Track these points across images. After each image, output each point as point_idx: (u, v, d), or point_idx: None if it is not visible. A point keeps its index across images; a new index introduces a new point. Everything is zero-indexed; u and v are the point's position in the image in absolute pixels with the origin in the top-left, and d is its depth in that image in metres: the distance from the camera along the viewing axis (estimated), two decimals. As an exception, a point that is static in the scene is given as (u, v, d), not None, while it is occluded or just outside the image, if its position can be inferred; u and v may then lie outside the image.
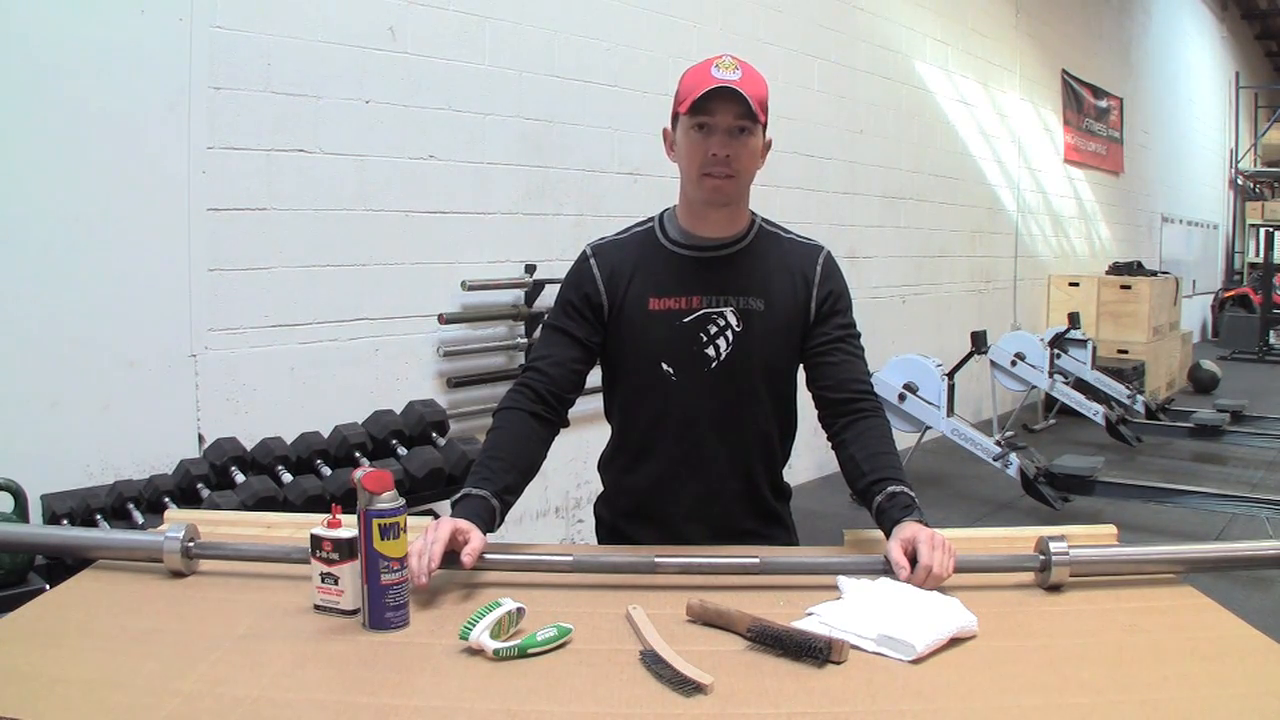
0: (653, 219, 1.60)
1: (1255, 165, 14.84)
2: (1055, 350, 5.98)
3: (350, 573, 1.22)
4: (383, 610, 1.19)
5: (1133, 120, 9.98)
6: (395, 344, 3.20)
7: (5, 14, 2.32)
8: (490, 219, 3.49)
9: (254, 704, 1.01)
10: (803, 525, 1.71)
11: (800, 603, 1.26)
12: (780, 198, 4.70)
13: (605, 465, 1.68)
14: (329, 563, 1.23)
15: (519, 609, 1.16)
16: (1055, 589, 1.33)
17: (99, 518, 2.35)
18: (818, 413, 1.57)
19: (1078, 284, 8.08)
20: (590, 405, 1.64)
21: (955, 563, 1.31)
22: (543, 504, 3.73)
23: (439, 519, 1.33)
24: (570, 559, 1.36)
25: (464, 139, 3.37)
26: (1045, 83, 8.00)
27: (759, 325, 1.52)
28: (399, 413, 3.03)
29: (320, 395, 2.97)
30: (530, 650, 1.12)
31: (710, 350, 1.51)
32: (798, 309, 1.54)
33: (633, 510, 1.63)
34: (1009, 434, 5.80)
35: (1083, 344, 6.44)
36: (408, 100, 3.19)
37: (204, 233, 2.70)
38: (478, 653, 1.11)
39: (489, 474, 1.42)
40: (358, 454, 2.81)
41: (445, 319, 3.29)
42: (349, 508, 1.25)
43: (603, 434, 1.67)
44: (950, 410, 4.70)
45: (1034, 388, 6.12)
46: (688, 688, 1.04)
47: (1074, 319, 6.62)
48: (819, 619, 1.19)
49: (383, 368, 3.17)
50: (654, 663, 1.08)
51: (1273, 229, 11.46)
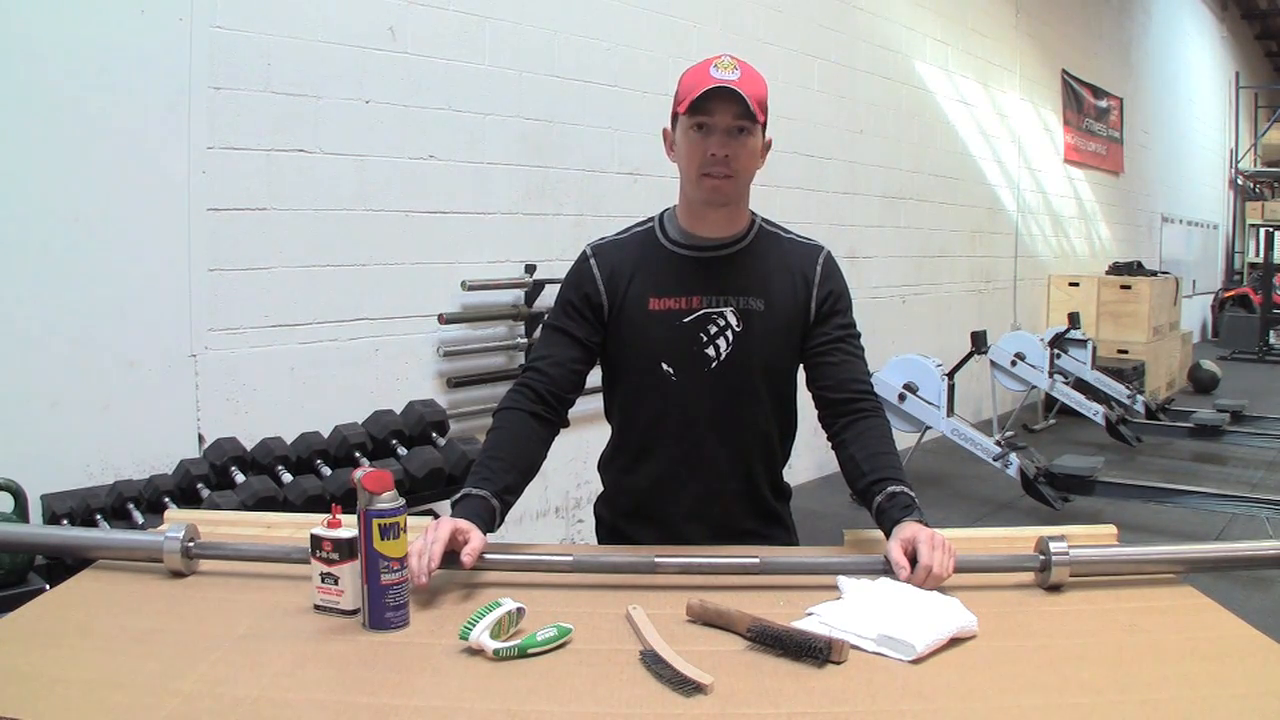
0: (653, 219, 1.60)
1: (1255, 165, 14.83)
2: (1055, 350, 5.97)
3: (350, 573, 1.22)
4: (383, 610, 1.19)
5: (1133, 120, 9.98)
6: (395, 344, 3.21)
7: (5, 14, 2.32)
8: (490, 219, 3.49)
9: (254, 704, 1.01)
10: (803, 525, 1.71)
11: (800, 603, 1.26)
12: (780, 198, 4.70)
13: (605, 465, 1.68)
14: (329, 563, 1.23)
15: (519, 609, 1.16)
16: (1055, 589, 1.33)
17: (99, 518, 2.35)
18: (818, 413, 1.58)
19: (1078, 284, 8.08)
20: (590, 405, 1.64)
21: (955, 563, 1.31)
22: (543, 504, 3.73)
23: (439, 519, 1.33)
24: (570, 559, 1.36)
25: (464, 139, 3.37)
26: (1045, 83, 8.00)
27: (759, 325, 1.52)
28: (399, 413, 3.03)
29: (320, 395, 2.97)
30: (530, 650, 1.12)
31: (710, 350, 1.51)
32: (798, 309, 1.54)
33: (633, 510, 1.63)
34: (1009, 434, 5.79)
35: (1083, 344, 6.44)
36: (408, 100, 3.19)
37: (204, 233, 2.70)
38: (478, 653, 1.11)
39: (489, 474, 1.43)
40: (358, 454, 2.81)
41: (445, 319, 3.30)
42: (349, 508, 1.25)
43: (603, 434, 1.67)
44: (950, 410, 4.70)
45: (1034, 388, 6.12)
46: (688, 688, 1.04)
47: (1074, 319, 6.62)
48: (819, 619, 1.19)
49: (383, 368, 3.17)
50: (654, 663, 1.08)
51: (1273, 229, 11.46)
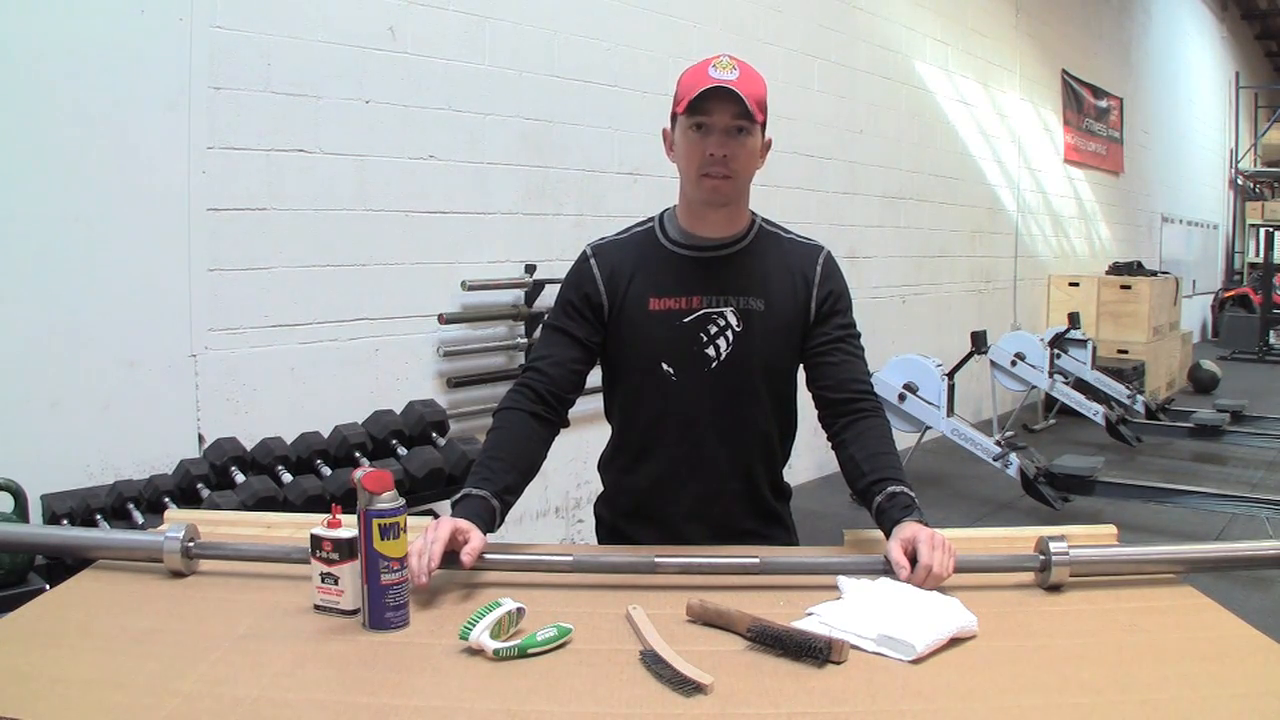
0: (653, 219, 1.60)
1: (1255, 165, 14.83)
2: (1055, 350, 5.97)
3: (350, 573, 1.22)
4: (383, 610, 1.19)
5: (1133, 120, 9.98)
6: (395, 344, 3.20)
7: (4, 14, 2.32)
8: (490, 219, 3.49)
9: (254, 704, 1.01)
10: (803, 525, 1.71)
11: (800, 603, 1.26)
12: (780, 198, 4.70)
13: (605, 465, 1.68)
14: (329, 563, 1.23)
15: (519, 609, 1.16)
16: (1055, 589, 1.33)
17: (99, 518, 2.35)
18: (818, 413, 1.58)
19: (1078, 284, 8.08)
20: (590, 405, 1.64)
21: (955, 562, 1.31)
22: (543, 504, 3.73)
23: (439, 519, 1.33)
24: (570, 559, 1.36)
25: (464, 139, 3.37)
26: (1045, 83, 8.00)
27: (759, 325, 1.52)
28: (399, 413, 3.03)
29: (320, 395, 2.97)
30: (530, 650, 1.12)
31: (710, 350, 1.51)
32: (798, 309, 1.54)
33: (633, 510, 1.63)
34: (1009, 434, 5.79)
35: (1083, 344, 6.44)
36: (408, 100, 3.19)
37: (204, 233, 2.70)
38: (478, 653, 1.11)
39: (489, 474, 1.43)
40: (358, 454, 2.81)
41: (445, 319, 3.30)
42: (349, 508, 1.25)
43: (603, 434, 1.67)
44: (950, 410, 4.70)
45: (1034, 388, 6.12)
46: (688, 688, 1.04)
47: (1074, 319, 6.62)
48: (819, 619, 1.19)
49: (383, 368, 3.17)
50: (654, 663, 1.08)
51: (1273, 229, 11.46)
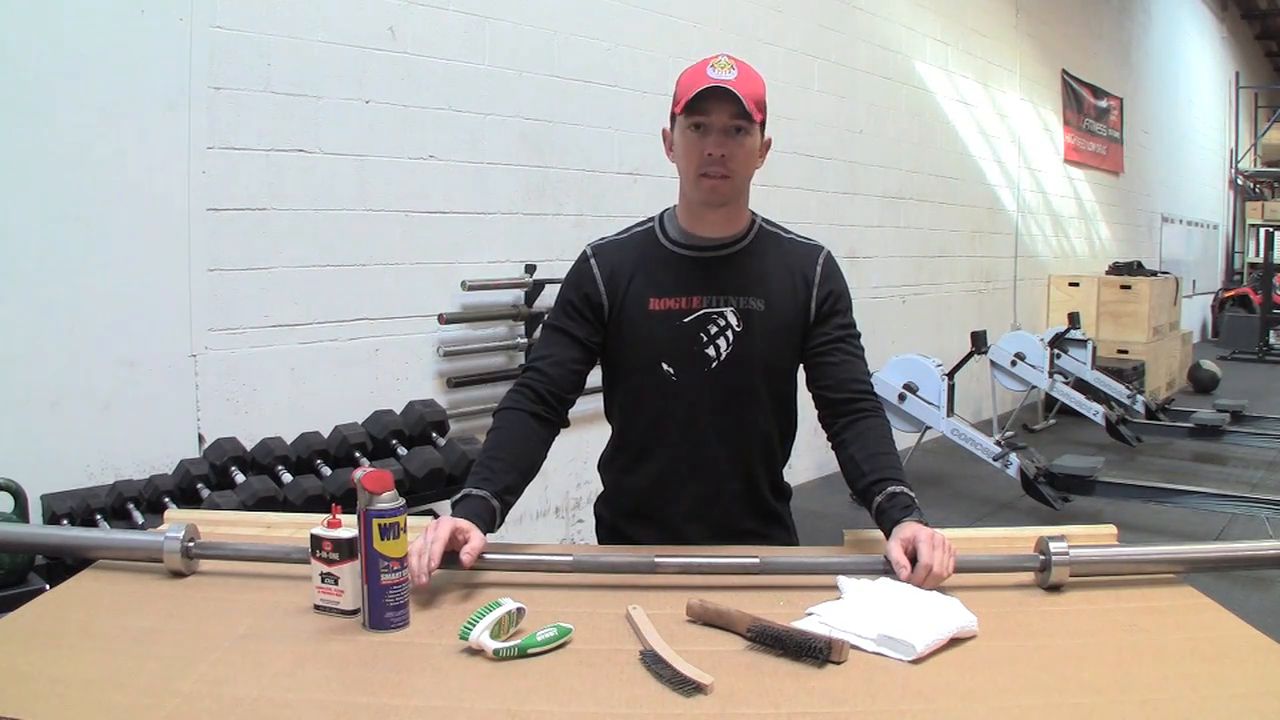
0: (653, 219, 1.60)
1: (1255, 165, 14.83)
2: (1055, 350, 5.97)
3: (350, 573, 1.22)
4: (383, 610, 1.19)
5: (1133, 120, 9.98)
6: (395, 344, 3.21)
7: (4, 14, 2.32)
8: (490, 219, 3.49)
9: (254, 704, 1.01)
10: (803, 525, 1.71)
11: (800, 603, 1.26)
12: (780, 198, 4.70)
13: (605, 465, 1.68)
14: (329, 563, 1.23)
15: (519, 609, 1.16)
16: (1055, 589, 1.33)
17: (99, 518, 2.35)
18: (818, 413, 1.58)
19: (1078, 284, 8.08)
20: (590, 405, 1.64)
21: (955, 562, 1.31)
22: (543, 504, 3.73)
23: (439, 518, 1.33)
24: (570, 559, 1.36)
25: (464, 139, 3.37)
26: (1045, 83, 8.00)
27: (759, 325, 1.52)
28: (399, 413, 3.03)
29: (320, 395, 2.97)
30: (530, 650, 1.12)
31: (710, 350, 1.51)
32: (798, 309, 1.54)
33: (633, 510, 1.63)
34: (1009, 434, 5.79)
35: (1083, 344, 6.44)
36: (408, 100, 3.19)
37: (204, 233, 2.70)
38: (478, 653, 1.11)
39: (489, 474, 1.43)
40: (358, 454, 2.81)
41: (445, 319, 3.30)
42: (349, 508, 1.25)
43: (603, 434, 1.67)
44: (950, 410, 4.70)
45: (1034, 388, 6.12)
46: (688, 688, 1.04)
47: (1074, 319, 6.62)
48: (819, 619, 1.19)
49: (383, 368, 3.17)
50: (654, 663, 1.08)
51: (1273, 229, 11.46)
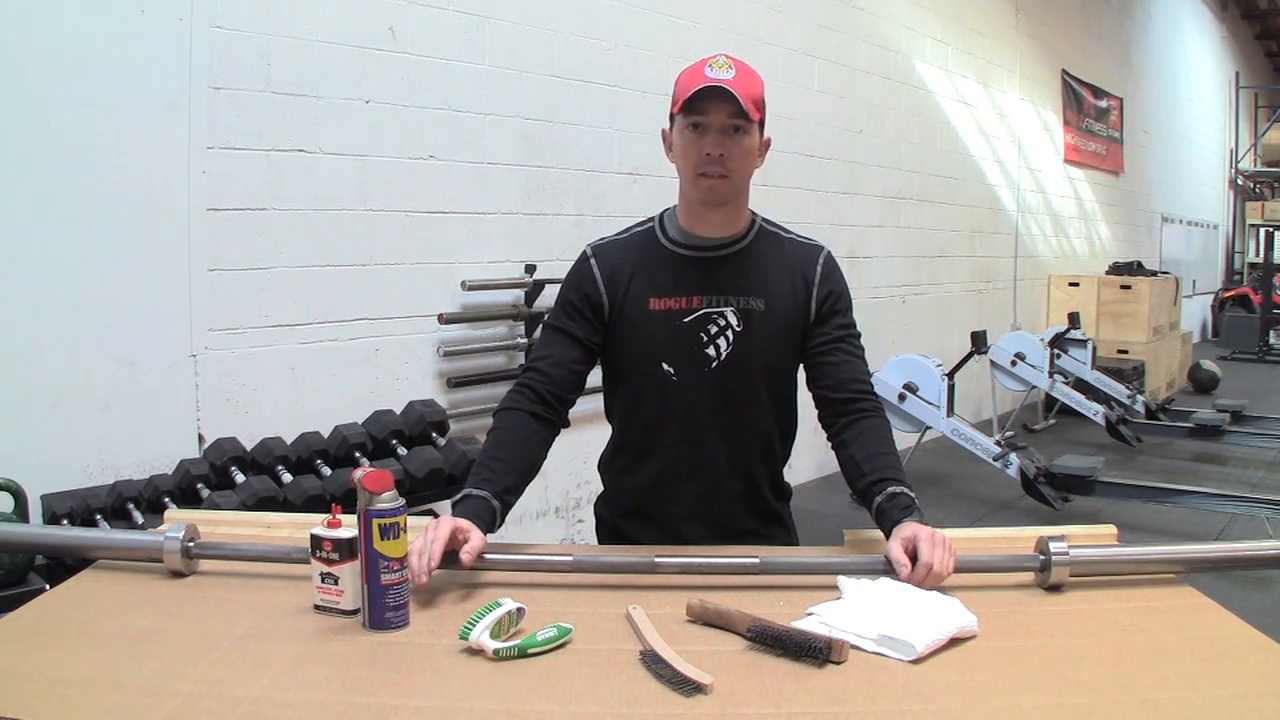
0: (653, 219, 1.60)
1: (1255, 165, 14.83)
2: (1055, 350, 5.97)
3: (350, 573, 1.22)
4: (383, 610, 1.19)
5: (1133, 120, 9.98)
6: (395, 344, 3.20)
7: (4, 14, 2.32)
8: (490, 219, 3.49)
9: (254, 704, 1.01)
10: (803, 525, 1.71)
11: (800, 603, 1.26)
12: (780, 198, 4.70)
13: (605, 465, 1.68)
14: (329, 563, 1.23)
15: (519, 609, 1.16)
16: (1055, 589, 1.33)
17: (99, 518, 2.35)
18: (818, 412, 1.58)
19: (1078, 284, 8.08)
20: (590, 405, 1.64)
21: (955, 562, 1.31)
22: (543, 504, 3.73)
23: (439, 518, 1.33)
24: (570, 559, 1.36)
25: (464, 139, 3.37)
26: (1045, 83, 8.00)
27: (759, 325, 1.52)
28: (399, 413, 3.03)
29: (320, 395, 2.97)
30: (530, 650, 1.12)
31: (710, 350, 1.51)
32: (798, 309, 1.54)
33: (633, 510, 1.63)
34: (1009, 434, 5.79)
35: (1083, 344, 6.44)
36: (408, 100, 3.19)
37: (204, 233, 2.70)
38: (478, 653, 1.11)
39: (490, 474, 1.43)
40: (358, 454, 2.81)
41: (445, 319, 3.30)
42: (349, 508, 1.25)
43: (603, 434, 1.67)
44: (950, 410, 4.70)
45: (1034, 388, 6.12)
46: (688, 688, 1.04)
47: (1074, 319, 6.62)
48: (819, 619, 1.19)
49: (383, 368, 3.17)
50: (654, 663, 1.08)
51: (1273, 229, 11.46)
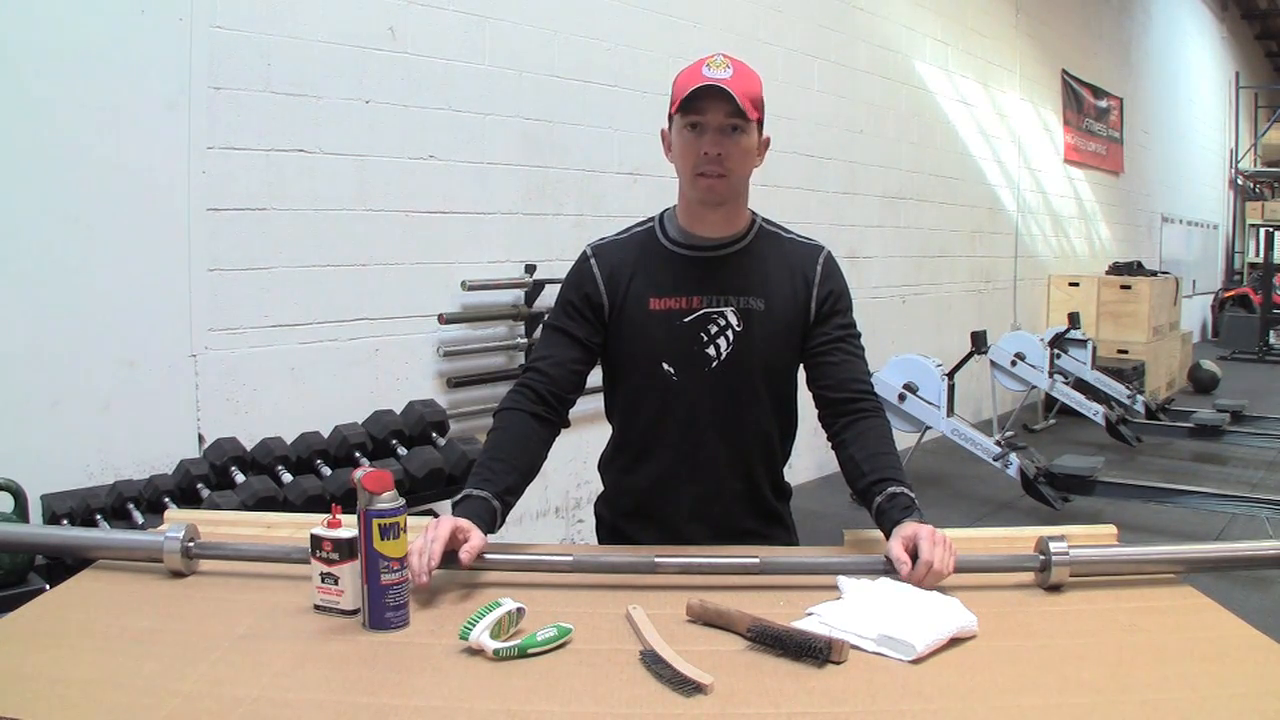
0: (653, 219, 1.60)
1: (1255, 165, 14.83)
2: (1055, 350, 5.97)
3: (350, 573, 1.22)
4: (383, 610, 1.19)
5: (1133, 120, 9.98)
6: (395, 344, 3.20)
7: (4, 14, 2.32)
8: (490, 219, 3.49)
9: (254, 704, 1.01)
10: (803, 525, 1.71)
11: (800, 603, 1.26)
12: (780, 198, 4.70)
13: (605, 465, 1.68)
14: (329, 563, 1.23)
15: (519, 609, 1.16)
16: (1055, 589, 1.33)
17: (99, 518, 2.35)
18: (818, 412, 1.58)
19: (1078, 284, 8.08)
20: (590, 405, 1.64)
21: (956, 561, 1.31)
22: (543, 504, 3.73)
23: (439, 518, 1.33)
24: (570, 559, 1.36)
25: (464, 139, 3.37)
26: (1045, 83, 8.00)
27: (759, 325, 1.52)
28: (399, 413, 3.03)
29: (320, 395, 2.97)
30: (530, 650, 1.12)
31: (711, 350, 1.51)
32: (798, 309, 1.54)
33: (633, 510, 1.63)
34: (1009, 434, 5.79)
35: (1083, 344, 6.44)
36: (408, 100, 3.19)
37: (204, 233, 2.70)
38: (478, 653, 1.11)
39: (490, 475, 1.43)
40: (358, 454, 2.81)
41: (445, 319, 3.30)
42: (349, 508, 1.25)
43: (603, 434, 1.67)
44: (950, 410, 4.70)
45: (1034, 388, 6.12)
46: (688, 688, 1.04)
47: (1074, 319, 6.62)
48: (819, 619, 1.19)
49: (383, 368, 3.17)
50: (654, 663, 1.08)
51: (1273, 229, 11.46)
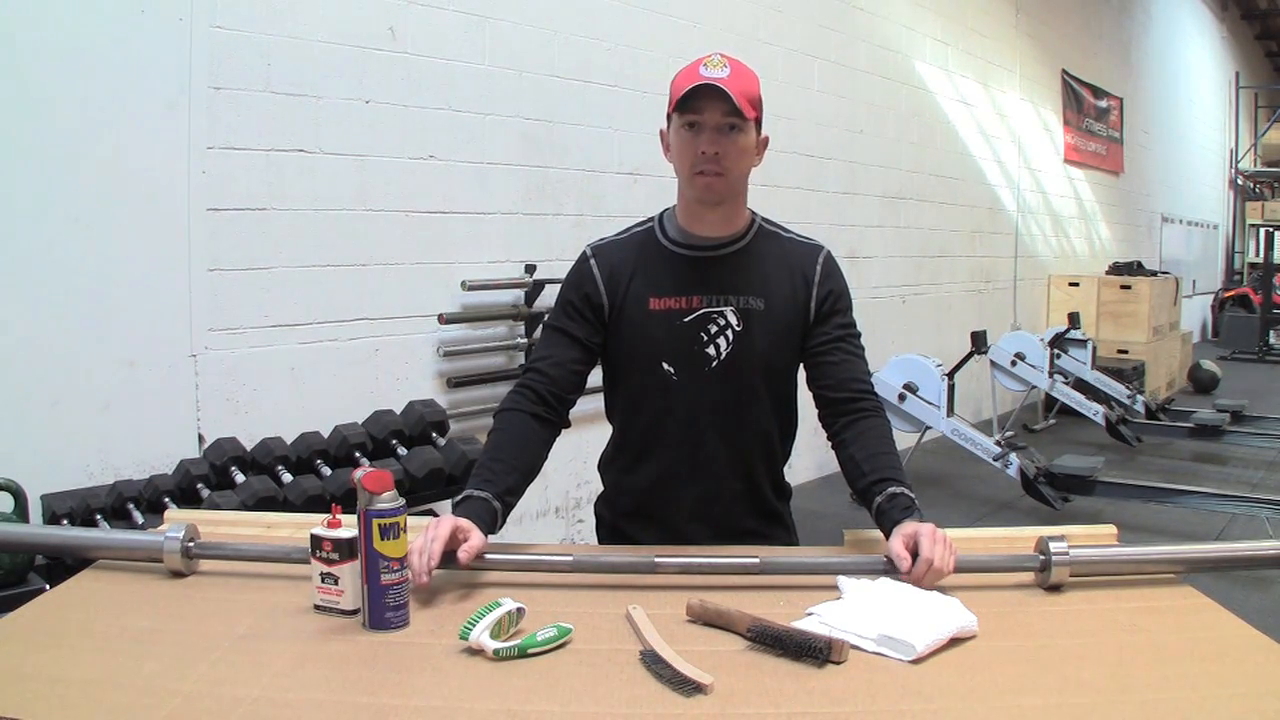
0: (652, 219, 1.60)
1: (1255, 165, 14.83)
2: (1055, 350, 5.97)
3: (350, 573, 1.22)
4: (383, 610, 1.19)
5: (1133, 120, 9.98)
6: (395, 344, 3.20)
7: (4, 14, 2.32)
8: (490, 219, 3.49)
9: (254, 704, 1.01)
10: (803, 525, 1.71)
11: (800, 603, 1.26)
12: (780, 198, 4.70)
13: (606, 465, 1.68)
14: (329, 563, 1.23)
15: (519, 609, 1.16)
16: (1055, 589, 1.33)
17: (99, 518, 2.35)
18: (818, 412, 1.57)
19: (1078, 284, 8.08)
20: (590, 405, 1.64)
21: (956, 560, 1.31)
22: (543, 504, 3.73)
23: (439, 517, 1.33)
24: (570, 559, 1.36)
25: (464, 139, 3.37)
26: (1045, 83, 8.00)
27: (759, 325, 1.52)
28: (399, 413, 3.03)
29: (320, 395, 2.97)
30: (530, 650, 1.12)
31: (710, 350, 1.51)
32: (798, 308, 1.54)
33: (633, 510, 1.63)
34: (1009, 434, 5.79)
35: (1083, 344, 6.44)
36: (408, 100, 3.19)
37: (204, 233, 2.70)
38: (478, 653, 1.11)
39: (490, 475, 1.43)
40: (358, 454, 2.81)
41: (445, 319, 3.30)
42: (349, 508, 1.25)
43: (603, 434, 1.67)
44: (950, 410, 4.70)
45: (1034, 388, 6.12)
46: (688, 688, 1.04)
47: (1074, 319, 6.62)
48: (819, 619, 1.19)
49: (383, 368, 3.17)
50: (654, 663, 1.08)
51: (1273, 229, 11.46)
